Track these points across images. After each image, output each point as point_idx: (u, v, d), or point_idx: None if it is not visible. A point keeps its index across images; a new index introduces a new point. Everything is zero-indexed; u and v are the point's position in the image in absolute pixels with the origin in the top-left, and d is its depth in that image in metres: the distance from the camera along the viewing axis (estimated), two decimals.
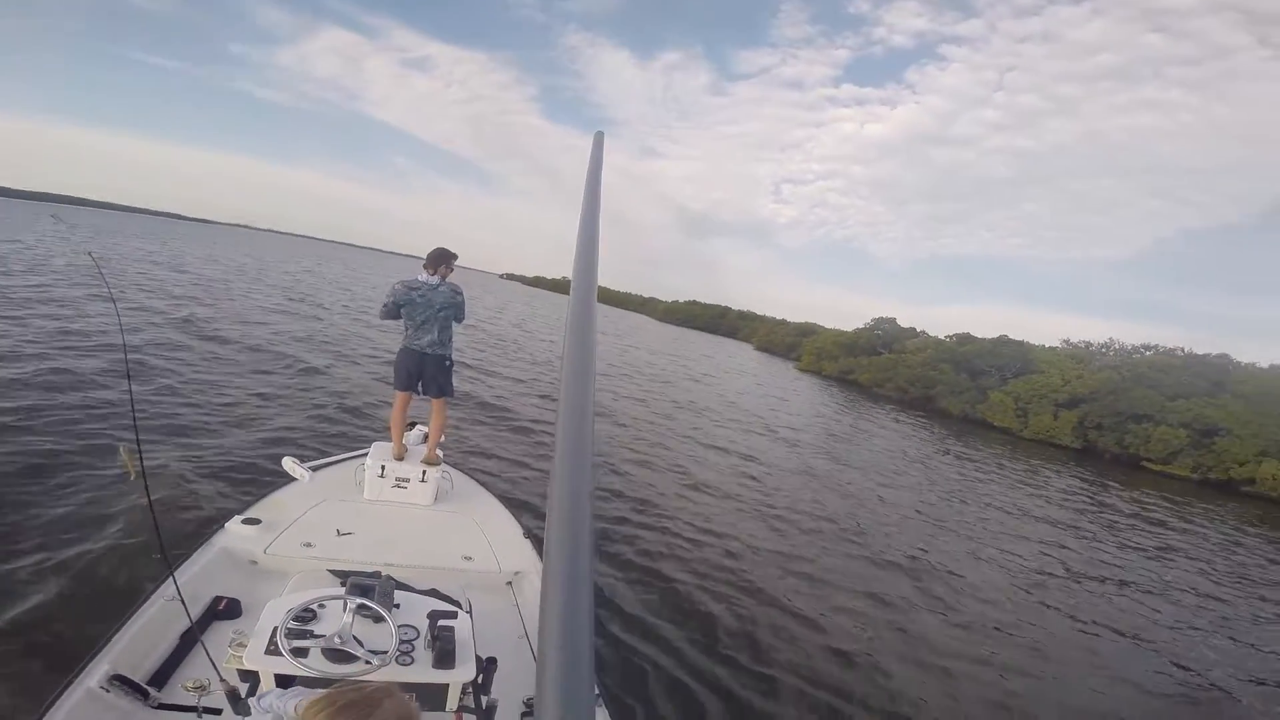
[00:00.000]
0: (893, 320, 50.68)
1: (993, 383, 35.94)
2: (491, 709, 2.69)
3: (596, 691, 3.28)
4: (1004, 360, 37.80)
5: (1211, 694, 7.14)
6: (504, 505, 5.18)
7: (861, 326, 51.55)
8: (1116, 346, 47.31)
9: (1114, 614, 8.87)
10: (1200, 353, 36.15)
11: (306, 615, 2.53)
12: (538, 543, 4.61)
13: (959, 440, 26.89)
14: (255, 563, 3.77)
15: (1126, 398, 29.34)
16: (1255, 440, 24.83)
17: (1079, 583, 10.07)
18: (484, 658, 2.74)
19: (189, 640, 2.95)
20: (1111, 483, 22.38)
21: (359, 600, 2.55)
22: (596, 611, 5.27)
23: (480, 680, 2.67)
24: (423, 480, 4.82)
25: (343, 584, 2.72)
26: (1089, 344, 48.09)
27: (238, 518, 3.93)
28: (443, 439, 5.25)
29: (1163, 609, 9.53)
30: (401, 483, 4.81)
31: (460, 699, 2.63)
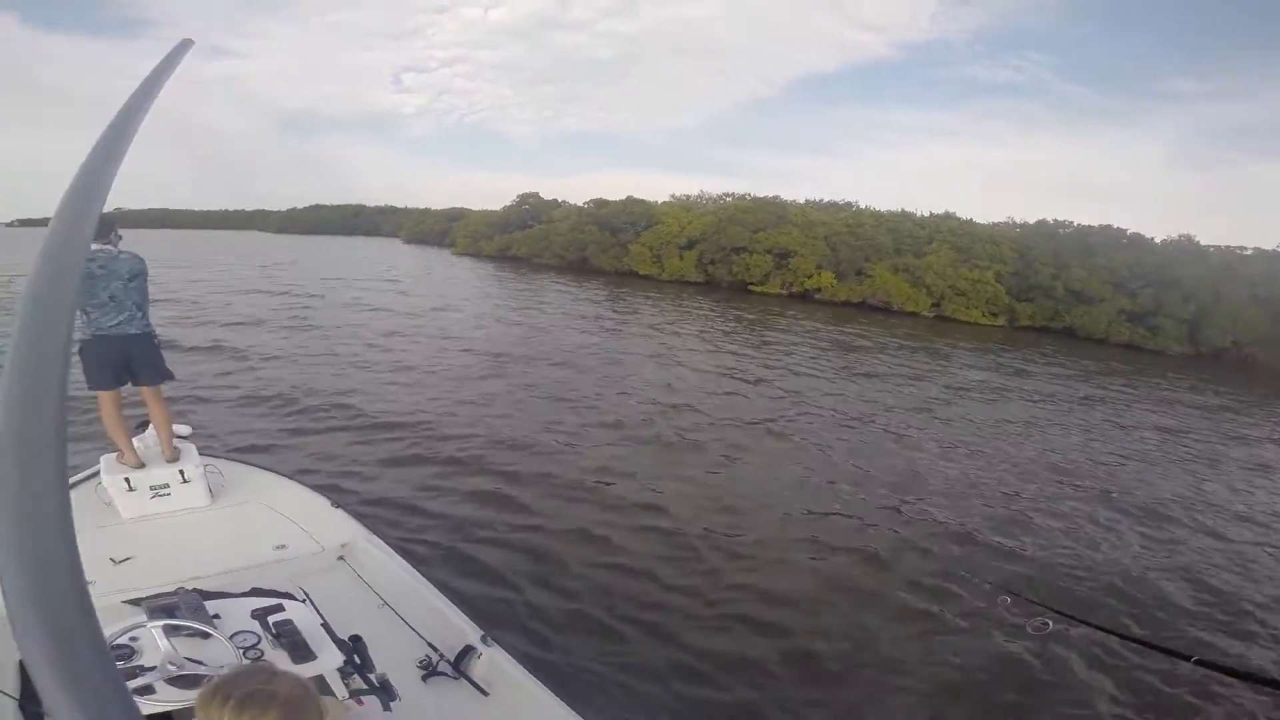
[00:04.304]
0: (537, 195, 49.95)
1: (629, 237, 38.38)
2: (386, 683, 2.36)
3: (482, 633, 2.93)
4: (635, 217, 40.31)
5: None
6: (297, 482, 4.33)
7: (510, 204, 49.86)
8: (707, 196, 55.15)
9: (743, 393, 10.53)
10: (760, 195, 44.20)
11: (122, 653, 2.07)
12: (353, 510, 4.09)
13: (618, 288, 28.38)
14: None
15: (725, 235, 33.94)
16: (812, 257, 30.90)
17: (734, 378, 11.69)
18: (346, 638, 2.46)
19: (30, 715, 2.27)
20: (731, 305, 26.02)
21: (164, 620, 2.11)
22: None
23: (357, 660, 2.39)
24: (185, 481, 3.89)
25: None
26: (688, 196, 55.45)
27: None
28: (190, 430, 4.25)
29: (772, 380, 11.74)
30: (160, 490, 3.84)
31: (347, 685, 2.36)
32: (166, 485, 3.90)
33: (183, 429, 4.24)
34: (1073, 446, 9.82)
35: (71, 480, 3.84)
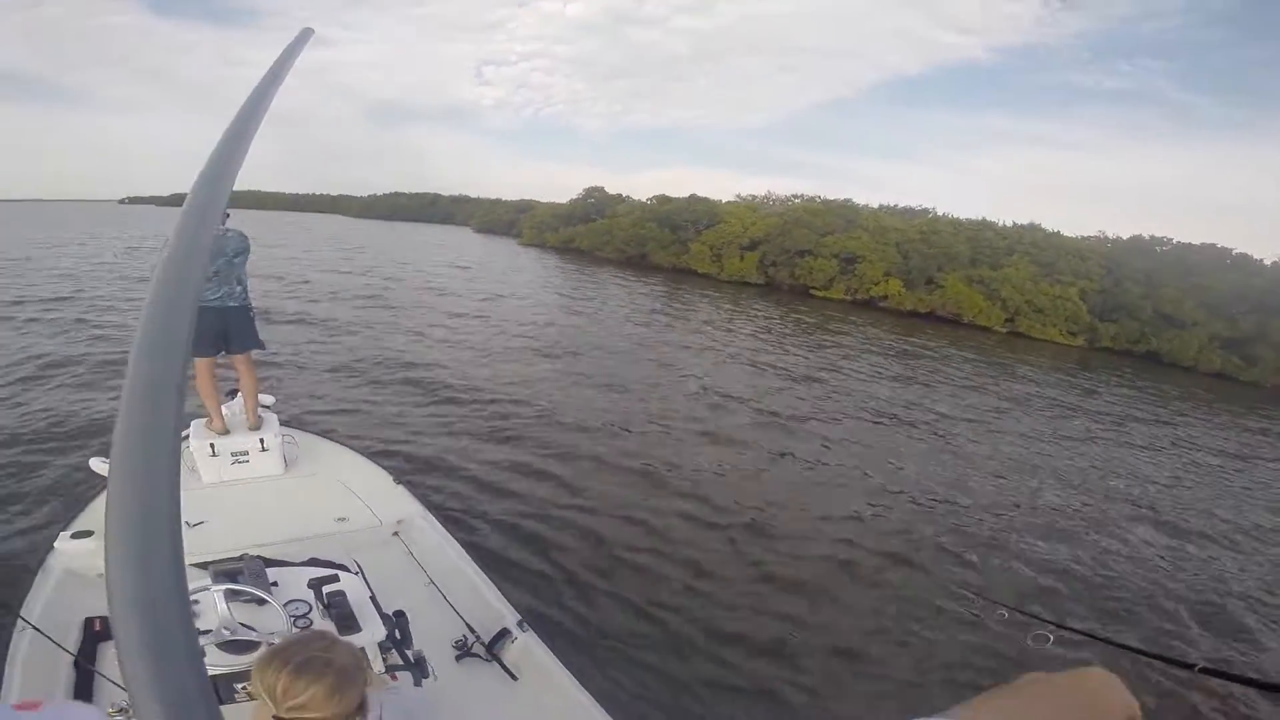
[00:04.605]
0: (602, 189, 50.57)
1: (690, 235, 38.36)
2: (420, 660, 2.49)
3: (519, 618, 3.00)
4: (697, 215, 40.24)
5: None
6: (364, 456, 4.55)
7: (576, 198, 50.65)
8: (774, 197, 54.31)
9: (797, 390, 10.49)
10: (831, 198, 43.30)
11: None
12: (413, 487, 4.25)
13: (675, 285, 28.51)
14: None
15: (790, 237, 33.44)
16: (881, 263, 29.97)
17: (795, 382, 11.69)
18: (391, 613, 2.56)
19: (84, 672, 2.39)
20: (791, 308, 25.71)
21: (226, 585, 2.21)
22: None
23: (397, 635, 2.48)
24: (264, 449, 4.09)
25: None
26: (754, 196, 54.83)
27: (65, 534, 3.20)
28: (274, 400, 4.53)
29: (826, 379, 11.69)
30: (240, 457, 4.05)
31: (384, 659, 2.42)
32: (246, 453, 4.06)
33: (267, 398, 4.45)
34: (1132, 467, 9.38)
35: None
